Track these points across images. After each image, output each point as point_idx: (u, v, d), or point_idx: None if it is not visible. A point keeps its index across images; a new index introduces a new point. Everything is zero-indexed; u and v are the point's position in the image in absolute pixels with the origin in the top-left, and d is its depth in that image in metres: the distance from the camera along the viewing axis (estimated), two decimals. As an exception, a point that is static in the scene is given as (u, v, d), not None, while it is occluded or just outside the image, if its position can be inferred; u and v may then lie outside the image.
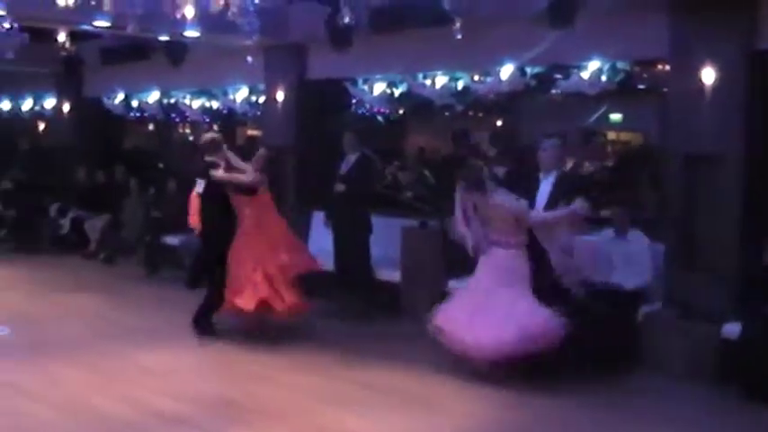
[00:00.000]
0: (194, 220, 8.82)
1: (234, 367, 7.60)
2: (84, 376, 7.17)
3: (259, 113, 12.88)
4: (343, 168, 9.32)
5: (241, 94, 12.91)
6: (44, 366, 7.42)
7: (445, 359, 7.35)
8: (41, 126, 18.34)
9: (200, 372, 7.59)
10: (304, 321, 8.87)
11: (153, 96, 14.37)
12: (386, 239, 9.38)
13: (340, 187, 9.21)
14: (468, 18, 7.13)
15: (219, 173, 8.29)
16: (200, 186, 8.50)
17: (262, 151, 8.65)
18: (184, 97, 14.00)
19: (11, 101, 17.37)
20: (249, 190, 8.35)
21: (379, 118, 13.69)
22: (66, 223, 13.99)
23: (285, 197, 11.06)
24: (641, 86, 9.64)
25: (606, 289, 7.51)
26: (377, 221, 9.35)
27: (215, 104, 13.80)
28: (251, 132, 18.35)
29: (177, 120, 16.68)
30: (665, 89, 8.37)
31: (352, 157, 9.32)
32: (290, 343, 8.30)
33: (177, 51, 11.01)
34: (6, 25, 10.05)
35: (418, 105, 11.23)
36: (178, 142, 19.62)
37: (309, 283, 8.92)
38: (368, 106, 12.63)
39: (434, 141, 17.33)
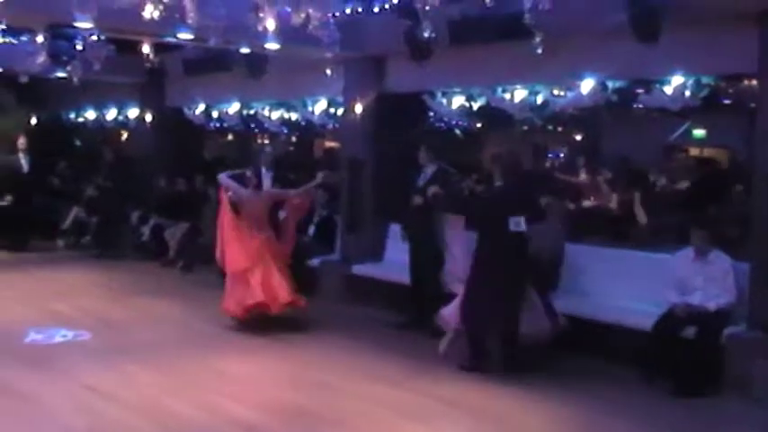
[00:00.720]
0: None
1: (308, 376, 7.63)
2: (161, 380, 7.30)
3: (337, 125, 12.95)
4: (420, 181, 9.30)
5: (320, 106, 13.02)
6: (123, 369, 7.58)
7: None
8: (124, 135, 18.78)
9: (273, 379, 7.64)
10: (381, 334, 8.88)
11: (233, 107, 14.59)
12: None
13: (417, 200, 9.19)
14: (549, 31, 7.04)
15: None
16: None
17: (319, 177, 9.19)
18: (264, 108, 14.18)
19: (96, 111, 17.81)
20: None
21: (457, 131, 13.66)
22: (146, 231, 14.28)
23: (361, 209, 11.10)
24: (726, 102, 9.40)
25: (689, 310, 7.32)
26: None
27: (294, 116, 13.94)
28: (329, 144, 18.49)
29: (256, 130, 16.91)
30: (752, 105, 8.14)
31: (429, 170, 9.29)
32: (364, 354, 8.32)
33: (258, 63, 11.13)
34: (94, 37, 10.35)
35: (496, 119, 11.16)
36: (257, 153, 19.87)
37: (385, 295, 8.93)
38: (445, 119, 12.62)
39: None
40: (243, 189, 9.46)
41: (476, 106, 10.81)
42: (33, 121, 18.96)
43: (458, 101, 10.78)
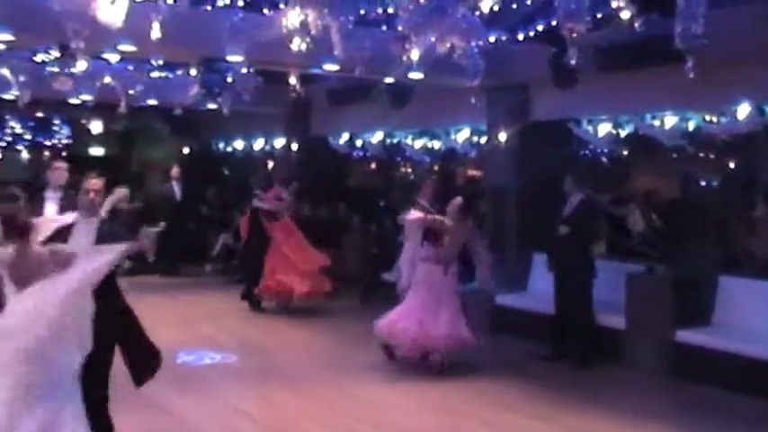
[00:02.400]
0: None
1: (447, 405, 7.55)
2: (302, 404, 7.40)
3: (480, 154, 12.88)
4: (566, 211, 9.11)
5: (463, 135, 12.99)
6: (266, 393, 7.72)
7: (664, 412, 6.98)
8: (270, 164, 19.28)
9: (412, 407, 7.58)
10: (524, 365, 8.74)
11: (376, 136, 14.74)
12: (610, 284, 9.03)
13: (563, 230, 9.00)
14: (701, 55, 6.77)
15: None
16: None
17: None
18: (407, 137, 14.26)
19: (244, 140, 18.37)
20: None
21: (604, 159, 13.35)
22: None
23: (505, 238, 10.97)
24: None
25: None
26: (601, 265, 9.05)
27: (436, 144, 13.96)
28: (471, 173, 18.41)
29: (399, 159, 17.01)
30: None
31: (575, 199, 9.09)
32: (505, 385, 8.18)
33: (401, 93, 11.22)
34: (243, 70, 10.70)
35: (645, 146, 10.83)
36: (399, 181, 20.00)
37: (529, 325, 8.75)
38: (591, 147, 12.35)
39: (661, 184, 16.63)
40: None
41: (623, 133, 10.51)
42: (185, 150, 19.74)
43: (604, 128, 10.53)
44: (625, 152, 13.35)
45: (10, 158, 21.19)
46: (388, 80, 10.53)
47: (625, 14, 6.41)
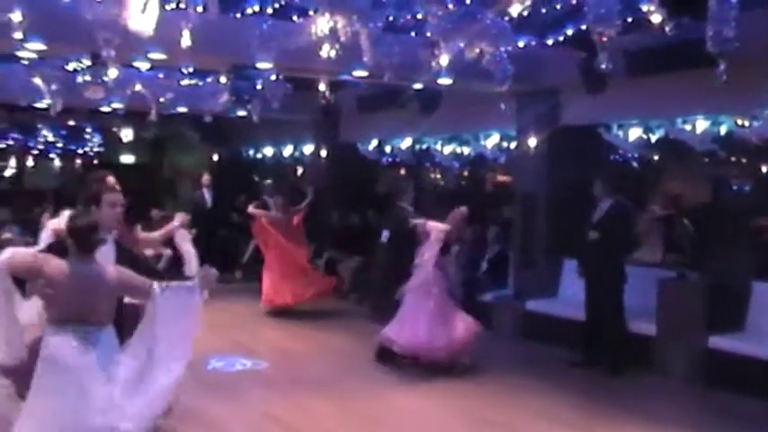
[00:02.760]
0: None
1: (480, 413, 7.51)
2: (338, 413, 7.39)
3: (509, 159, 12.83)
4: (596, 216, 9.05)
5: (492, 140, 12.95)
6: (300, 400, 7.72)
7: (695, 420, 6.90)
8: (299, 171, 19.34)
9: (447, 415, 7.55)
10: (555, 371, 8.69)
11: (405, 142, 14.73)
12: (640, 290, 8.95)
13: (593, 235, 8.94)
14: (733, 59, 6.70)
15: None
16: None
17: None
18: (436, 143, 14.24)
19: (273, 147, 18.44)
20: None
21: (634, 164, 13.23)
22: (321, 264, 14.57)
23: (535, 244, 10.92)
24: None
25: None
26: (630, 271, 8.98)
27: (465, 150, 13.93)
28: (501, 178, 18.34)
29: (428, 165, 16.98)
30: None
31: (605, 204, 9.03)
32: (537, 392, 8.14)
33: (430, 99, 11.21)
34: (273, 77, 10.74)
35: (676, 151, 10.74)
36: (429, 187, 19.97)
37: (560, 331, 8.69)
38: (621, 152, 12.25)
39: (691, 189, 16.47)
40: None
41: (654, 138, 10.43)
42: (215, 158, 19.85)
43: (635, 133, 10.44)
44: (656, 157, 13.21)
45: (42, 166, 21.41)
46: (417, 86, 10.53)
47: (656, 18, 6.37)
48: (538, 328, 10.37)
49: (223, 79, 11.21)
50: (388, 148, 15.39)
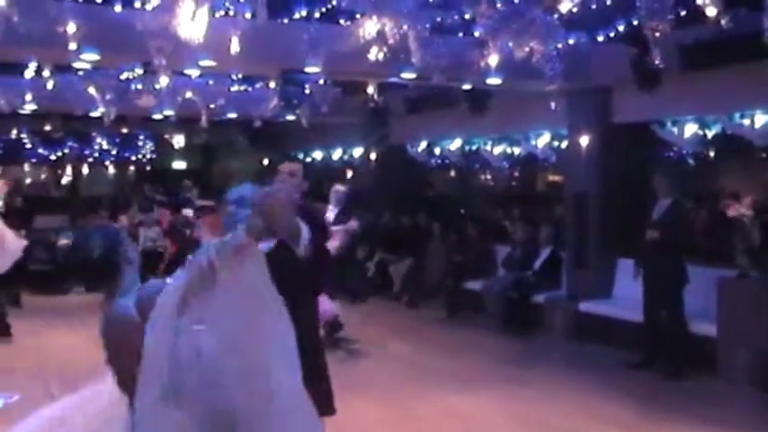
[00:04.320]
0: None
1: (534, 415, 7.40)
2: (390, 416, 7.35)
3: (561, 159, 12.70)
4: (655, 214, 8.85)
5: (543, 140, 12.83)
6: (350, 403, 7.66)
7: (759, 427, 6.72)
8: (349, 174, 19.36)
9: (501, 418, 7.46)
10: (610, 373, 8.57)
11: (455, 143, 14.66)
12: (699, 290, 8.75)
13: (653, 234, 8.76)
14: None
15: None
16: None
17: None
18: (485, 144, 14.15)
19: (322, 150, 18.49)
20: None
21: (689, 161, 13.04)
22: (371, 266, 14.57)
23: (588, 244, 10.78)
24: None
25: None
26: (692, 271, 8.77)
27: (516, 150, 13.82)
28: (552, 178, 18.21)
29: (478, 166, 16.90)
30: None
31: (664, 203, 8.84)
32: (591, 394, 8.02)
33: (479, 99, 11.15)
34: (321, 81, 10.78)
35: (733, 146, 10.52)
36: (479, 189, 19.89)
37: (615, 333, 8.54)
38: (675, 149, 12.06)
39: (750, 186, 16.14)
40: None
41: (710, 134, 10.22)
42: (265, 162, 19.98)
43: (690, 129, 10.24)
44: (711, 153, 13.00)
45: (96, 173, 21.77)
46: (466, 86, 10.46)
47: (711, 11, 6.22)
48: (591, 329, 10.22)
49: (272, 84, 11.27)
50: (437, 150, 15.34)
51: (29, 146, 19.28)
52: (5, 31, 6.75)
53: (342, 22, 8.48)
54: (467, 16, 8.29)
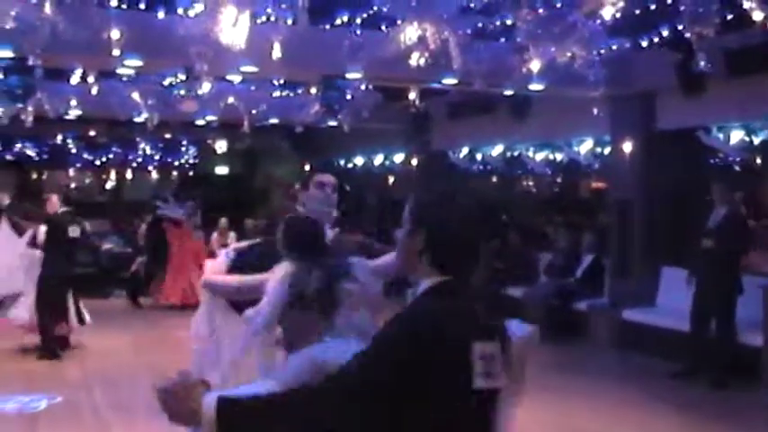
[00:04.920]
0: None
1: (572, 424, 7.34)
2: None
3: (604, 165, 12.57)
4: (711, 223, 8.67)
5: (585, 146, 12.72)
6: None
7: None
8: (391, 180, 19.34)
9: (538, 426, 7.37)
10: (652, 383, 8.45)
11: (496, 149, 14.59)
12: (746, 298, 8.57)
13: (707, 243, 8.58)
14: None
15: None
16: None
17: None
18: (527, 150, 14.06)
19: (364, 156, 18.50)
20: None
21: (736, 168, 12.83)
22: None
23: (631, 252, 10.64)
24: None
25: None
26: (747, 281, 8.58)
27: (558, 157, 13.72)
28: (595, 185, 18.05)
29: (520, 172, 16.81)
30: None
31: (721, 211, 8.65)
32: (633, 404, 7.90)
33: (521, 105, 11.06)
34: (363, 87, 10.78)
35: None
36: (521, 195, 19.77)
37: (659, 342, 8.41)
38: (721, 156, 11.88)
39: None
40: None
41: (757, 140, 10.04)
42: (307, 167, 20.04)
43: (736, 135, 10.08)
44: (758, 160, 12.78)
45: (140, 179, 22.00)
46: (508, 92, 10.39)
47: (757, 15, 6.12)
48: (634, 337, 10.08)
49: (313, 90, 11.29)
50: (479, 156, 15.27)
51: (74, 151, 19.58)
52: (52, 38, 6.85)
53: (383, 27, 8.47)
54: (508, 21, 8.24)
